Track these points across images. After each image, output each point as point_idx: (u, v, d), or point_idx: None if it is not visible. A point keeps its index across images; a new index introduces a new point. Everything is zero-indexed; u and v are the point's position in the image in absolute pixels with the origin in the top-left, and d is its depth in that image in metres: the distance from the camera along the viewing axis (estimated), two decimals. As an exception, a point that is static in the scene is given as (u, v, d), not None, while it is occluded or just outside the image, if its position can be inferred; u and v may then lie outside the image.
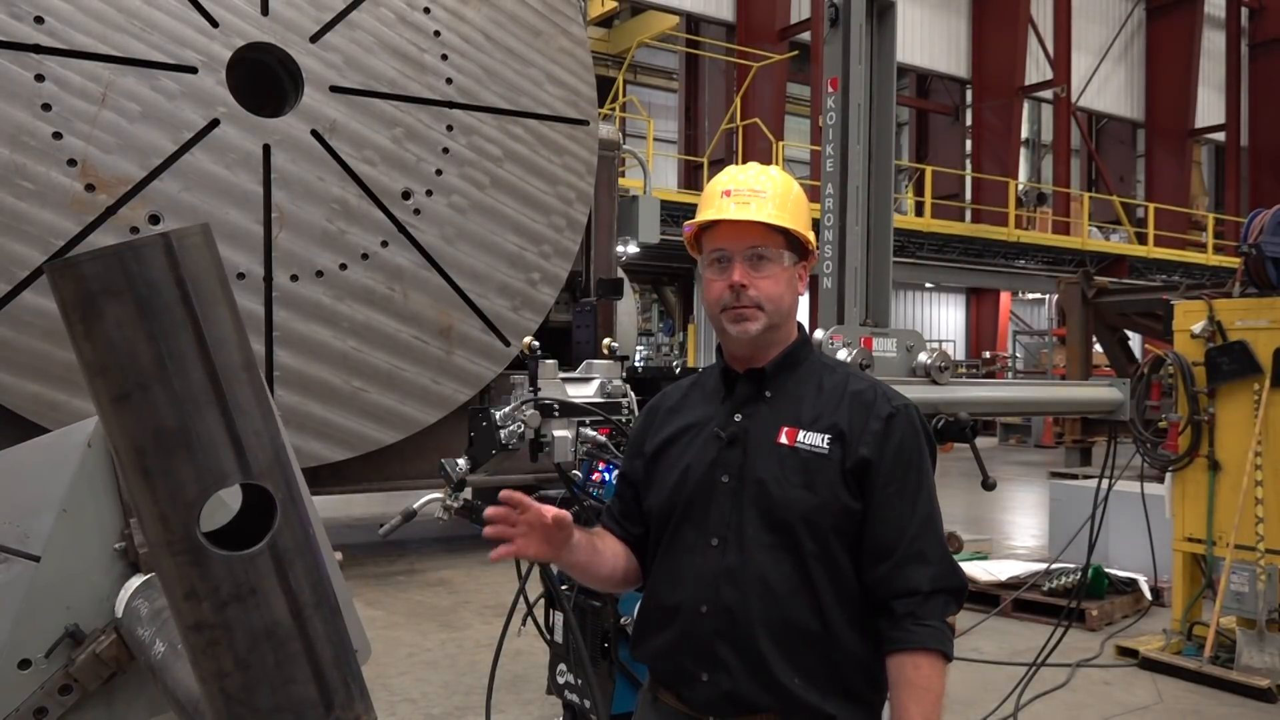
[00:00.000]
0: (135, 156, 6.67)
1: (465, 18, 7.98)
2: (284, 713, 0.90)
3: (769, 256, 1.91)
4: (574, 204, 8.52)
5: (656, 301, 22.64)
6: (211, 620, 0.87)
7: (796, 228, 1.92)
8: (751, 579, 1.86)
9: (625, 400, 2.68)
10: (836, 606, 1.85)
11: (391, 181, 7.61)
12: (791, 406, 1.93)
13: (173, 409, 0.84)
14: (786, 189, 1.96)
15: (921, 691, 1.78)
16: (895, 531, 1.85)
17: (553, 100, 8.41)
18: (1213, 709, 5.26)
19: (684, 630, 1.89)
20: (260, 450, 0.88)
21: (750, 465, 1.91)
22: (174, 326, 0.84)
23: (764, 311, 1.90)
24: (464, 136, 7.92)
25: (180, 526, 0.85)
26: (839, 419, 1.89)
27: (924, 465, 1.90)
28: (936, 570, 1.84)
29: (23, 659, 1.83)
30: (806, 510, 1.85)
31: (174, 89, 6.81)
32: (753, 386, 1.97)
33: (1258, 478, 5.64)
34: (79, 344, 0.85)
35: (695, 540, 1.92)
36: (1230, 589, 5.62)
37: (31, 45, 6.38)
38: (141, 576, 1.89)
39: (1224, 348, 5.76)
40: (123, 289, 0.83)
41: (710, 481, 1.93)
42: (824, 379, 1.96)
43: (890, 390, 1.96)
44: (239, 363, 0.88)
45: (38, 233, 6.39)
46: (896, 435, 1.87)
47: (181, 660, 1.48)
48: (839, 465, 1.86)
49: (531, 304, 8.33)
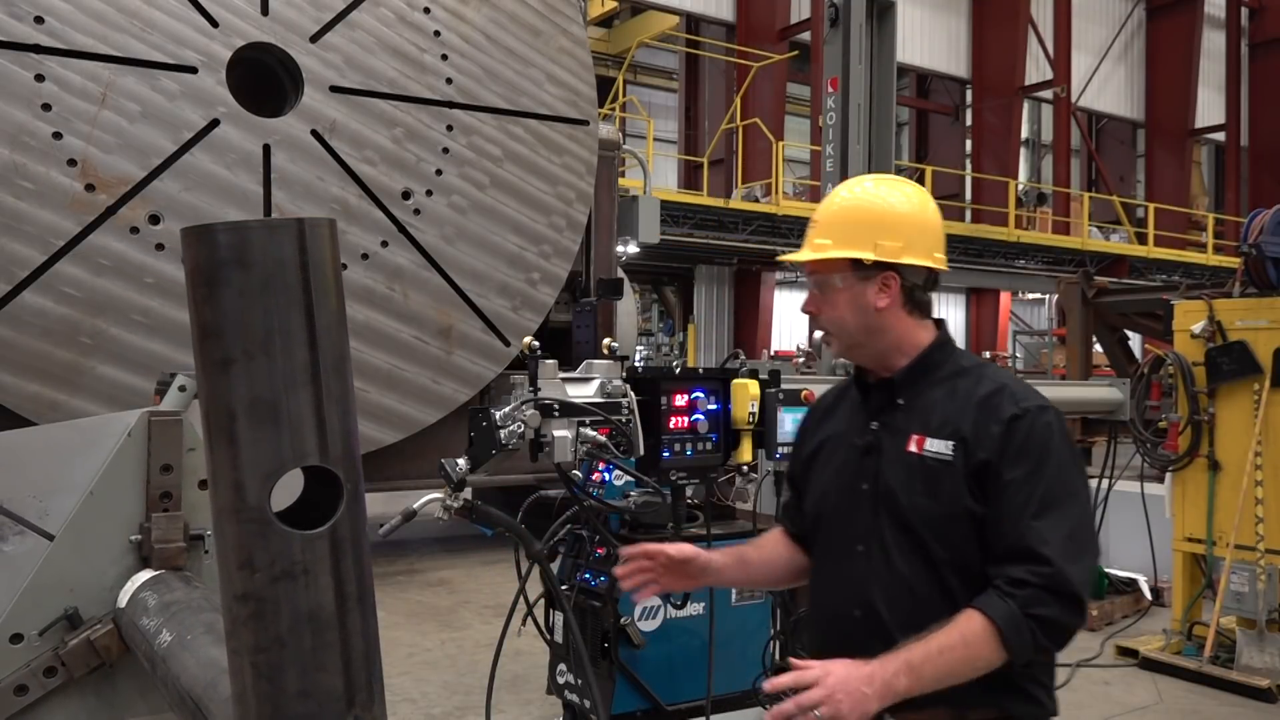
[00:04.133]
0: (135, 156, 6.67)
1: (465, 18, 7.98)
2: (308, 699, 0.91)
3: (826, 283, 2.00)
4: (574, 204, 8.52)
5: (656, 301, 22.63)
6: (261, 592, 0.89)
7: (834, 253, 1.96)
8: (894, 584, 1.92)
9: (625, 400, 2.68)
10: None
11: (391, 181, 7.61)
12: (922, 414, 1.96)
13: (272, 382, 0.88)
14: (843, 206, 2.02)
15: (953, 636, 1.78)
16: (1005, 527, 1.85)
17: (553, 100, 8.40)
18: (1213, 709, 5.26)
19: (843, 632, 1.98)
20: (338, 439, 0.91)
21: (884, 473, 1.96)
22: (289, 305, 0.88)
23: (834, 335, 2.01)
24: (464, 136, 7.92)
25: (254, 495, 0.88)
26: (963, 424, 1.91)
27: (1048, 465, 1.86)
28: (1042, 568, 1.79)
29: (16, 633, 1.83)
30: (931, 519, 1.90)
31: (174, 89, 6.81)
32: (885, 395, 2.03)
33: (1258, 478, 5.64)
34: (198, 306, 0.89)
35: (844, 545, 2.01)
36: (1230, 589, 5.62)
37: (31, 45, 6.38)
38: (150, 572, 1.89)
39: (1224, 348, 5.76)
40: (252, 261, 0.87)
41: (853, 489, 2.01)
42: (958, 383, 1.98)
43: (1022, 391, 1.95)
44: (336, 353, 0.92)
45: (38, 233, 6.39)
46: (1018, 436, 1.87)
47: (188, 651, 1.49)
48: (961, 471, 1.88)
49: (531, 304, 8.33)
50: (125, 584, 1.88)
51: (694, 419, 2.76)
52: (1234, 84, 29.28)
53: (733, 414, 2.82)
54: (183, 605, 1.69)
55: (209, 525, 1.99)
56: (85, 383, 6.55)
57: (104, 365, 6.59)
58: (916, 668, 1.75)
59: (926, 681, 1.76)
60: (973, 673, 1.79)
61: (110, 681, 1.90)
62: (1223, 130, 29.32)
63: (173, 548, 1.92)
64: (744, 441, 2.84)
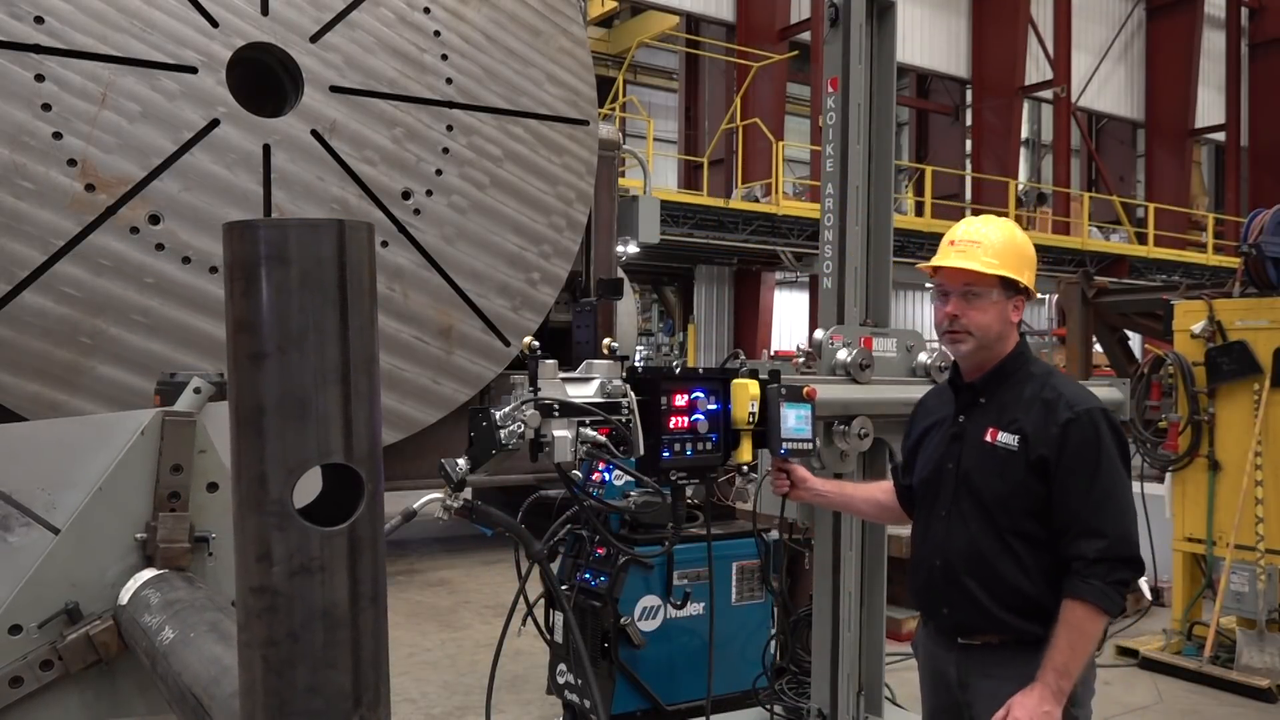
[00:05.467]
0: (135, 156, 6.67)
1: (465, 18, 7.97)
2: (316, 695, 0.91)
3: (978, 293, 2.51)
4: (574, 204, 8.52)
5: (656, 301, 22.63)
6: (277, 586, 0.90)
7: (1002, 272, 2.50)
8: (966, 543, 2.52)
9: (625, 400, 2.67)
10: (1031, 562, 2.45)
11: (391, 181, 7.61)
12: (997, 410, 2.54)
13: (302, 378, 0.89)
14: (1005, 238, 2.55)
15: (1072, 629, 2.36)
16: (1071, 513, 2.40)
17: (553, 100, 8.40)
18: (1213, 709, 5.26)
19: (928, 578, 2.61)
20: (364, 438, 0.92)
21: (965, 457, 2.56)
22: (325, 304, 0.89)
23: (973, 336, 2.51)
24: (464, 136, 7.91)
25: (277, 488, 0.89)
26: (1026, 423, 2.46)
27: (1101, 457, 2.41)
28: (1107, 543, 2.37)
29: (15, 624, 1.83)
30: (998, 495, 2.48)
31: (174, 89, 6.81)
32: (972, 393, 2.61)
33: (1258, 478, 5.64)
34: (235, 299, 0.90)
35: (931, 511, 2.63)
36: (1230, 589, 5.62)
37: (31, 45, 6.38)
38: (153, 571, 1.89)
39: (1224, 348, 5.76)
40: (291, 258, 0.88)
41: (941, 468, 2.61)
42: (1026, 387, 2.53)
43: (1077, 396, 2.50)
44: (367, 354, 0.93)
45: (38, 233, 6.39)
46: (1074, 436, 2.41)
47: (191, 648, 1.49)
48: (1024, 459, 2.44)
49: (531, 304, 8.33)
50: (127, 581, 1.88)
51: (694, 419, 2.76)
52: (1234, 84, 29.26)
53: (733, 414, 2.82)
54: (186, 604, 1.69)
55: (215, 528, 1.99)
56: (85, 383, 6.55)
57: (104, 365, 6.59)
58: (1066, 669, 2.35)
59: (1074, 674, 2.36)
60: (1095, 645, 2.44)
61: (109, 679, 1.89)
62: (1223, 130, 29.30)
63: (177, 548, 1.92)
64: (744, 441, 2.84)
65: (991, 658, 2.55)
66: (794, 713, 4.28)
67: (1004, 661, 2.53)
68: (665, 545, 4.22)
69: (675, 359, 19.80)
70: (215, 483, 2.00)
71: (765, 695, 4.41)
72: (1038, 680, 2.34)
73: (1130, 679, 5.69)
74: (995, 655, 2.55)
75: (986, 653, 2.56)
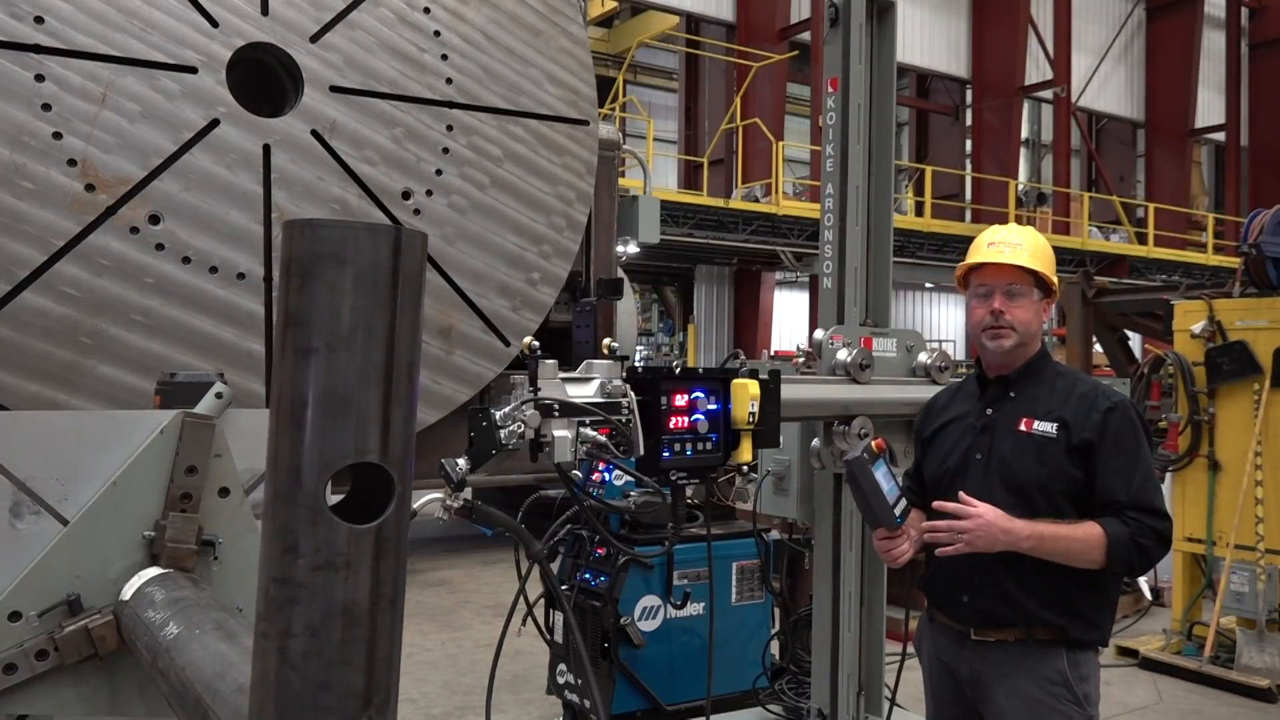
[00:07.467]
0: (135, 156, 6.67)
1: (465, 18, 7.97)
2: (329, 692, 0.92)
3: (1021, 291, 2.65)
4: (574, 204, 8.52)
5: (656, 301, 22.64)
6: (301, 579, 0.91)
7: (1045, 272, 2.66)
8: None
9: (625, 400, 2.67)
10: None
11: (391, 181, 7.60)
12: (1029, 403, 2.66)
13: (347, 376, 0.91)
14: (1036, 243, 2.71)
15: (1075, 535, 2.47)
16: (1123, 486, 2.52)
17: (553, 100, 8.40)
18: (1213, 709, 5.26)
19: (950, 564, 2.59)
20: (399, 440, 0.94)
21: (997, 446, 2.66)
22: (376, 306, 0.92)
23: (1015, 331, 2.64)
24: (464, 136, 7.91)
25: (310, 482, 0.91)
26: (1065, 413, 2.60)
27: (1140, 443, 2.58)
28: (1154, 519, 2.49)
29: (14, 611, 1.83)
30: (1039, 479, 2.58)
31: (174, 89, 6.81)
32: (1001, 388, 2.74)
33: (1258, 478, 5.64)
34: (289, 295, 0.92)
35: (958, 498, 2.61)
36: (1230, 589, 5.62)
37: (31, 45, 6.37)
38: (157, 569, 1.89)
39: (1224, 348, 5.76)
40: (349, 259, 0.91)
41: (967, 459, 2.71)
42: (1056, 383, 2.68)
43: (1109, 390, 2.66)
44: (409, 358, 0.95)
45: (38, 233, 6.38)
46: (1115, 422, 2.56)
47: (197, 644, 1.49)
48: (1064, 445, 2.57)
49: (531, 304, 8.33)
50: (131, 578, 1.88)
51: (694, 419, 2.76)
52: (1234, 84, 29.26)
53: (733, 414, 2.82)
54: (191, 602, 1.70)
55: (223, 533, 1.99)
56: (85, 383, 6.55)
57: (104, 365, 6.59)
58: (1043, 539, 2.45)
59: (1044, 553, 2.47)
60: (1077, 562, 2.48)
61: (106, 675, 1.89)
62: (1223, 130, 29.31)
63: (184, 549, 1.92)
64: (744, 441, 2.84)
65: (1005, 656, 2.57)
66: (794, 713, 4.29)
67: (1018, 660, 2.55)
68: (665, 545, 4.22)
69: (675, 359, 19.81)
70: (227, 488, 2.00)
71: (765, 695, 4.41)
72: (1022, 520, 2.46)
73: (1130, 679, 5.69)
74: (1009, 653, 2.56)
75: (1000, 650, 2.58)
